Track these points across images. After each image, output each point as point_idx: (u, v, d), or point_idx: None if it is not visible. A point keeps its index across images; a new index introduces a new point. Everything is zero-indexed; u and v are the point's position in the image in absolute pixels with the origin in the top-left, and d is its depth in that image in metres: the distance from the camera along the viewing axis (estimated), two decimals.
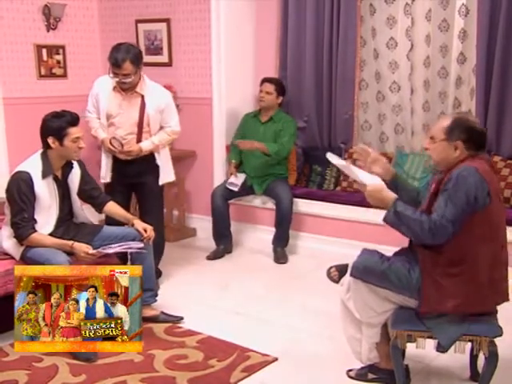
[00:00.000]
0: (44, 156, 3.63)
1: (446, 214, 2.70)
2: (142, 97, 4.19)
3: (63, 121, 3.58)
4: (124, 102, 4.19)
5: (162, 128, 4.32)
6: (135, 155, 4.23)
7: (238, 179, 5.18)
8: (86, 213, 3.91)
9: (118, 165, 4.29)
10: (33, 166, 3.59)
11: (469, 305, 2.79)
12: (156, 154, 4.31)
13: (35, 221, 3.58)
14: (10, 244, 3.64)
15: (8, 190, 3.57)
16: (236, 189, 5.15)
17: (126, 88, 4.15)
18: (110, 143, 4.19)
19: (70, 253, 3.56)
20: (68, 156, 3.66)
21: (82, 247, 3.54)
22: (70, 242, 3.56)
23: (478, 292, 2.78)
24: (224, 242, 5.27)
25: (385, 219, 2.86)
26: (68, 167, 3.74)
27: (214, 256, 5.19)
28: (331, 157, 3.11)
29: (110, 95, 4.19)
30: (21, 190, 3.51)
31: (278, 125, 5.21)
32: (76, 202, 3.80)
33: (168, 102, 4.32)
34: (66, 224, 3.75)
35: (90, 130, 4.33)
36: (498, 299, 2.87)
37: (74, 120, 3.62)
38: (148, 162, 4.31)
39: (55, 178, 3.67)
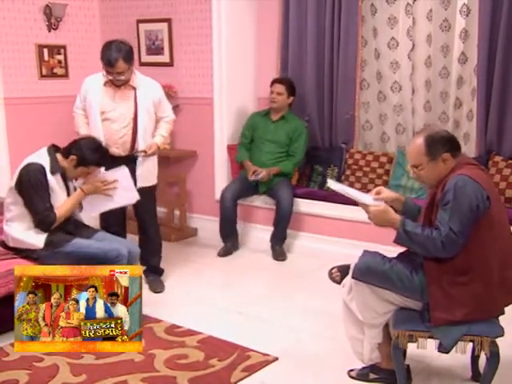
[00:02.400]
0: (51, 152, 3.67)
1: (453, 226, 2.70)
2: (135, 89, 4.19)
3: (95, 158, 3.69)
4: (118, 96, 4.18)
5: (159, 119, 4.34)
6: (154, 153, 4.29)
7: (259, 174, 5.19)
8: (81, 216, 3.99)
9: (115, 162, 4.26)
10: (41, 160, 3.63)
11: (478, 312, 2.78)
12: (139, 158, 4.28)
13: (53, 208, 3.65)
14: (29, 234, 3.64)
15: (23, 183, 3.58)
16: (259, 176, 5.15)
17: (119, 84, 4.16)
18: (133, 154, 4.21)
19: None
20: (68, 175, 3.75)
21: (94, 185, 3.77)
22: (79, 190, 3.75)
23: (489, 298, 2.77)
24: (231, 240, 5.32)
25: (396, 240, 2.86)
26: None
27: (225, 253, 5.24)
28: (331, 183, 3.12)
29: (102, 91, 4.18)
30: (38, 179, 3.56)
31: (290, 125, 5.25)
32: None
33: (161, 93, 4.36)
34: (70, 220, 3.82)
35: (74, 125, 4.31)
36: (509, 299, 2.87)
37: (100, 163, 3.75)
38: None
39: (62, 176, 3.72)
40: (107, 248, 3.65)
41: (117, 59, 4.00)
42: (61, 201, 3.68)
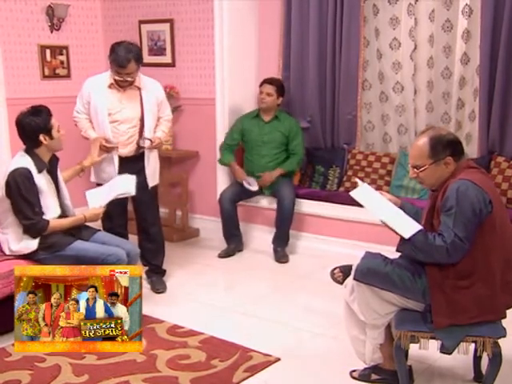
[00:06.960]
0: (31, 153, 3.65)
1: (458, 232, 2.69)
2: (140, 90, 4.21)
3: (44, 115, 3.64)
4: (124, 97, 4.19)
5: (159, 118, 4.36)
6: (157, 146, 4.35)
7: (252, 183, 5.19)
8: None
9: (122, 163, 4.25)
10: (25, 162, 3.60)
11: (481, 316, 2.78)
12: (146, 157, 4.29)
13: (43, 213, 3.62)
14: (23, 244, 3.64)
15: (11, 190, 3.56)
16: (255, 188, 5.17)
17: (125, 85, 4.16)
18: (138, 144, 4.22)
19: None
20: (57, 147, 3.73)
21: (95, 213, 3.80)
22: (82, 215, 3.76)
23: (491, 300, 2.76)
24: (234, 241, 5.30)
25: (399, 249, 2.86)
26: (54, 160, 3.80)
27: (226, 254, 5.22)
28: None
29: (107, 93, 4.18)
30: (25, 185, 3.53)
31: (285, 125, 5.23)
32: (65, 194, 3.84)
33: (163, 93, 4.42)
34: (64, 217, 3.79)
35: (80, 131, 4.31)
36: (511, 302, 2.86)
37: (49, 111, 3.69)
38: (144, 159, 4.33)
39: (49, 171, 3.71)
40: (107, 253, 3.63)
41: (129, 60, 4.01)
42: (50, 199, 3.67)
